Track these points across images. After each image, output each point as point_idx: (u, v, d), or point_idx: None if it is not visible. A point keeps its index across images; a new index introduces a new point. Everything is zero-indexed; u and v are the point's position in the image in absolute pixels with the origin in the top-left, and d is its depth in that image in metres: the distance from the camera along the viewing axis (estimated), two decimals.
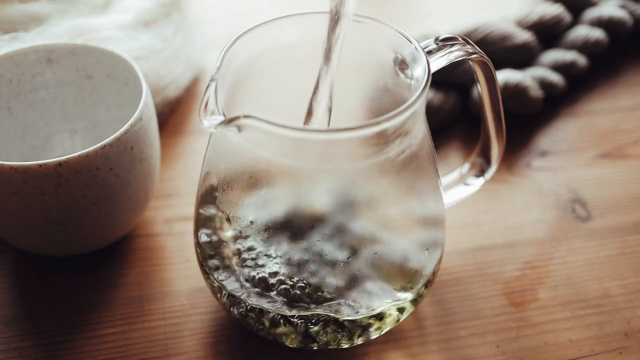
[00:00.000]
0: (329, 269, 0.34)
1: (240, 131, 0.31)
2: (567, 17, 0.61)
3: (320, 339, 0.36)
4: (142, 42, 0.52)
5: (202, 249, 0.37)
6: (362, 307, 0.35)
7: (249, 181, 0.33)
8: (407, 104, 0.31)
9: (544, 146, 0.53)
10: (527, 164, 0.51)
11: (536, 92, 0.53)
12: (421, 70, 0.33)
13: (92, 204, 0.38)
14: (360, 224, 0.35)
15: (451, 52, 0.35)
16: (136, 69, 0.42)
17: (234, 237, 0.36)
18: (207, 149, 0.36)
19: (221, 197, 0.34)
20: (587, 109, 0.57)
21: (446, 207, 0.40)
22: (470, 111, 0.55)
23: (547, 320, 0.41)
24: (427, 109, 0.44)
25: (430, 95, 0.53)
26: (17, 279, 0.43)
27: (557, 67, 0.56)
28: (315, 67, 0.35)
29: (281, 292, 0.35)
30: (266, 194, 0.33)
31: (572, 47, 0.58)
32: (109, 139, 0.37)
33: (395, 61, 0.36)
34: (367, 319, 0.35)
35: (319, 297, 0.34)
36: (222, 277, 0.36)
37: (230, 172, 0.33)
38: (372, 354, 0.39)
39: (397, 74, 0.36)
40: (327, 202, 0.35)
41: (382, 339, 0.39)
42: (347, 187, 0.34)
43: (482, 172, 0.42)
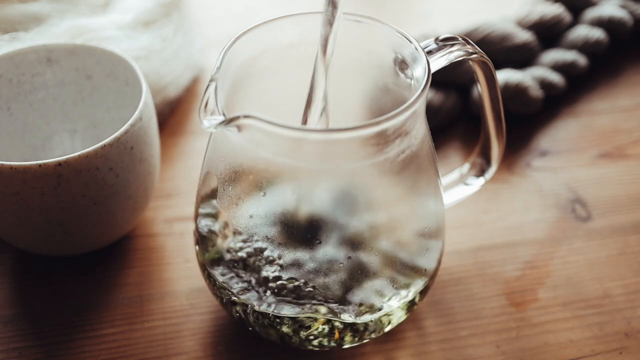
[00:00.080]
0: (329, 269, 0.34)
1: (240, 131, 0.31)
2: (567, 17, 0.61)
3: (319, 339, 0.36)
4: (142, 42, 0.52)
5: (202, 249, 0.37)
6: (361, 308, 0.35)
7: (249, 181, 0.33)
8: (407, 104, 0.31)
9: (544, 146, 0.53)
10: (527, 164, 0.51)
11: (536, 92, 0.53)
12: (421, 70, 0.33)
13: (92, 204, 0.38)
14: (360, 224, 0.35)
15: (451, 52, 0.35)
16: (136, 69, 0.42)
17: (234, 237, 0.36)
18: (207, 149, 0.36)
19: (221, 197, 0.34)
20: (587, 109, 0.57)
21: (446, 207, 0.40)
22: (470, 111, 0.55)
23: (547, 320, 0.41)
24: (427, 109, 0.44)
25: (430, 95, 0.53)
26: (17, 279, 0.43)
27: (557, 67, 0.56)
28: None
29: (281, 292, 0.35)
30: (266, 194, 0.33)
31: (572, 47, 0.58)
32: (108, 139, 0.37)
33: (395, 61, 0.36)
34: (366, 319, 0.35)
35: (319, 297, 0.34)
36: (222, 277, 0.36)
37: (230, 172, 0.33)
38: (372, 354, 0.39)
39: (397, 74, 0.36)
40: (327, 202, 0.35)
41: (382, 339, 0.39)
42: (347, 187, 0.34)
43: (482, 172, 0.42)
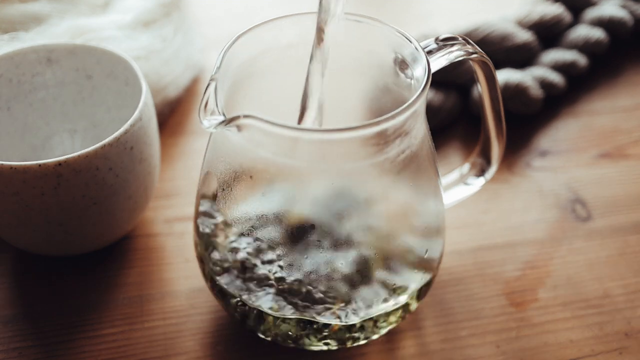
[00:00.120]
0: (329, 269, 0.34)
1: (240, 131, 0.31)
2: (568, 17, 0.61)
3: (319, 339, 0.36)
4: (142, 42, 0.52)
5: (202, 249, 0.37)
6: (361, 308, 0.35)
7: (249, 181, 0.33)
8: (407, 104, 0.31)
9: (544, 146, 0.53)
10: (528, 164, 0.51)
11: (536, 92, 0.53)
12: (421, 70, 0.33)
13: (91, 204, 0.38)
14: (360, 224, 0.35)
15: (451, 52, 0.35)
16: (136, 69, 0.42)
17: (233, 237, 0.36)
18: (207, 149, 0.36)
19: (221, 197, 0.34)
20: (588, 109, 0.57)
21: (446, 207, 0.40)
22: (470, 111, 0.55)
23: (547, 320, 0.41)
24: (427, 109, 0.44)
25: (430, 95, 0.53)
26: (17, 279, 0.43)
27: (557, 67, 0.56)
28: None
29: (281, 292, 0.35)
30: (266, 194, 0.33)
31: (572, 47, 0.58)
32: (108, 139, 0.37)
33: (395, 61, 0.36)
34: (366, 320, 0.35)
35: (318, 297, 0.34)
36: (222, 277, 0.36)
37: (230, 172, 0.33)
38: (372, 354, 0.39)
39: (397, 74, 0.36)
40: (327, 202, 0.35)
41: (382, 339, 0.39)
42: (347, 187, 0.34)
43: (482, 172, 0.42)
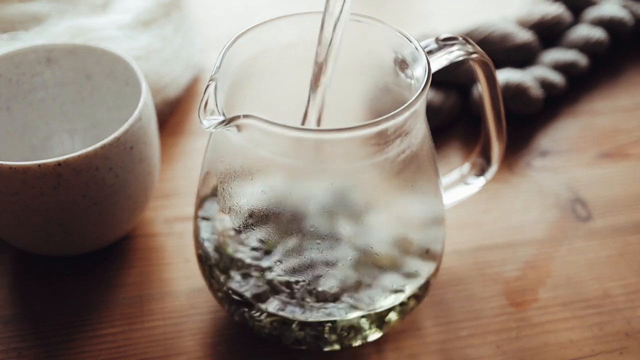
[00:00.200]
0: (329, 268, 0.34)
1: (239, 131, 0.31)
2: (568, 17, 0.61)
3: (319, 339, 0.36)
4: (142, 42, 0.52)
5: (202, 249, 0.37)
6: (361, 308, 0.35)
7: (249, 181, 0.33)
8: (408, 104, 0.31)
9: (545, 146, 0.53)
10: (528, 164, 0.51)
11: (537, 92, 0.53)
12: (421, 70, 0.33)
13: (91, 204, 0.38)
14: (360, 224, 0.35)
15: (451, 51, 0.35)
16: (136, 69, 0.42)
17: (233, 236, 0.36)
18: (207, 149, 0.36)
19: (221, 197, 0.34)
20: (588, 109, 0.57)
21: (446, 207, 0.40)
22: (470, 111, 0.55)
23: (547, 320, 0.41)
24: (427, 109, 0.44)
25: (430, 95, 0.53)
26: (17, 279, 0.43)
27: (557, 67, 0.56)
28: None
29: (281, 291, 0.35)
30: (266, 194, 0.33)
31: (572, 46, 0.58)
32: (108, 139, 0.37)
33: (395, 61, 0.36)
34: (366, 320, 0.35)
35: (318, 297, 0.34)
36: (222, 276, 0.36)
37: (230, 172, 0.33)
38: (372, 354, 0.39)
39: (397, 74, 0.36)
40: (327, 202, 0.34)
41: (382, 339, 0.39)
42: (346, 187, 0.34)
43: (482, 172, 0.42)
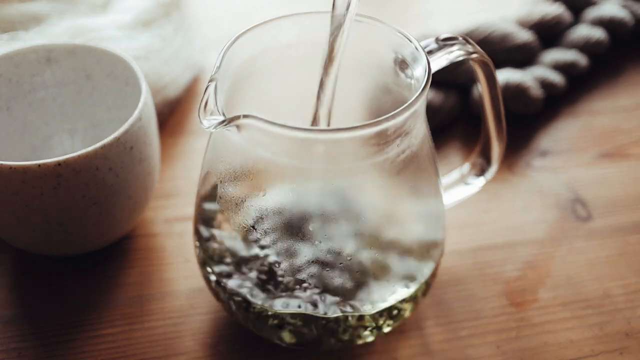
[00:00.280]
0: (330, 268, 0.34)
1: (239, 131, 0.31)
2: (568, 17, 0.61)
3: (319, 339, 0.36)
4: (142, 42, 0.52)
5: (202, 249, 0.37)
6: (361, 308, 0.35)
7: (249, 181, 0.33)
8: (408, 104, 0.31)
9: (545, 146, 0.53)
10: (528, 164, 0.51)
11: (537, 92, 0.53)
12: (421, 70, 0.33)
13: (91, 204, 0.38)
14: (360, 224, 0.35)
15: (451, 51, 0.35)
16: (136, 69, 0.42)
17: (233, 236, 0.36)
18: (207, 149, 0.36)
19: (221, 197, 0.34)
20: (588, 109, 0.57)
21: (446, 207, 0.40)
22: (470, 111, 0.55)
23: (547, 320, 0.41)
24: (427, 109, 0.44)
25: (430, 95, 0.53)
26: (17, 279, 0.43)
27: (557, 67, 0.56)
28: (314, 67, 0.35)
29: (281, 291, 0.35)
30: (266, 194, 0.33)
31: (572, 46, 0.58)
32: (108, 139, 0.37)
33: (395, 61, 0.36)
34: (366, 319, 0.35)
35: (318, 296, 0.34)
36: (222, 276, 0.36)
37: (230, 172, 0.33)
38: (372, 354, 0.39)
39: (397, 74, 0.36)
40: (327, 202, 0.34)
41: (382, 339, 0.39)
42: (347, 187, 0.34)
43: (482, 172, 0.42)
